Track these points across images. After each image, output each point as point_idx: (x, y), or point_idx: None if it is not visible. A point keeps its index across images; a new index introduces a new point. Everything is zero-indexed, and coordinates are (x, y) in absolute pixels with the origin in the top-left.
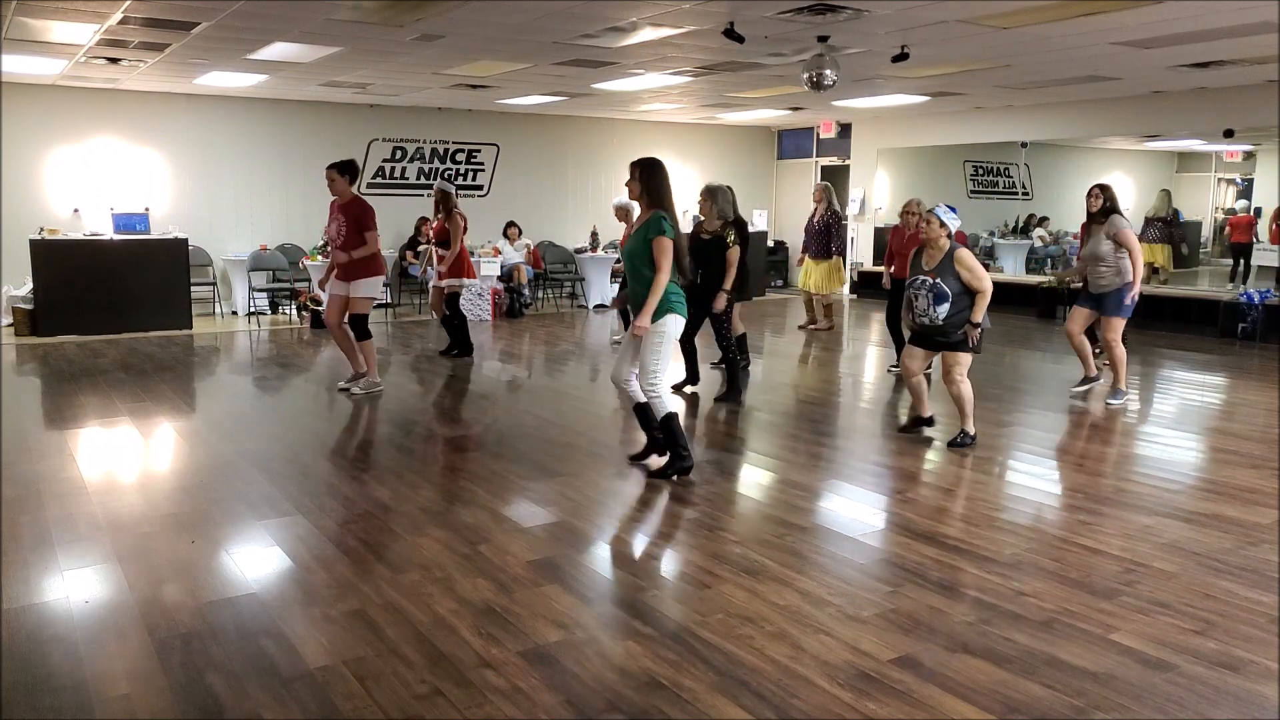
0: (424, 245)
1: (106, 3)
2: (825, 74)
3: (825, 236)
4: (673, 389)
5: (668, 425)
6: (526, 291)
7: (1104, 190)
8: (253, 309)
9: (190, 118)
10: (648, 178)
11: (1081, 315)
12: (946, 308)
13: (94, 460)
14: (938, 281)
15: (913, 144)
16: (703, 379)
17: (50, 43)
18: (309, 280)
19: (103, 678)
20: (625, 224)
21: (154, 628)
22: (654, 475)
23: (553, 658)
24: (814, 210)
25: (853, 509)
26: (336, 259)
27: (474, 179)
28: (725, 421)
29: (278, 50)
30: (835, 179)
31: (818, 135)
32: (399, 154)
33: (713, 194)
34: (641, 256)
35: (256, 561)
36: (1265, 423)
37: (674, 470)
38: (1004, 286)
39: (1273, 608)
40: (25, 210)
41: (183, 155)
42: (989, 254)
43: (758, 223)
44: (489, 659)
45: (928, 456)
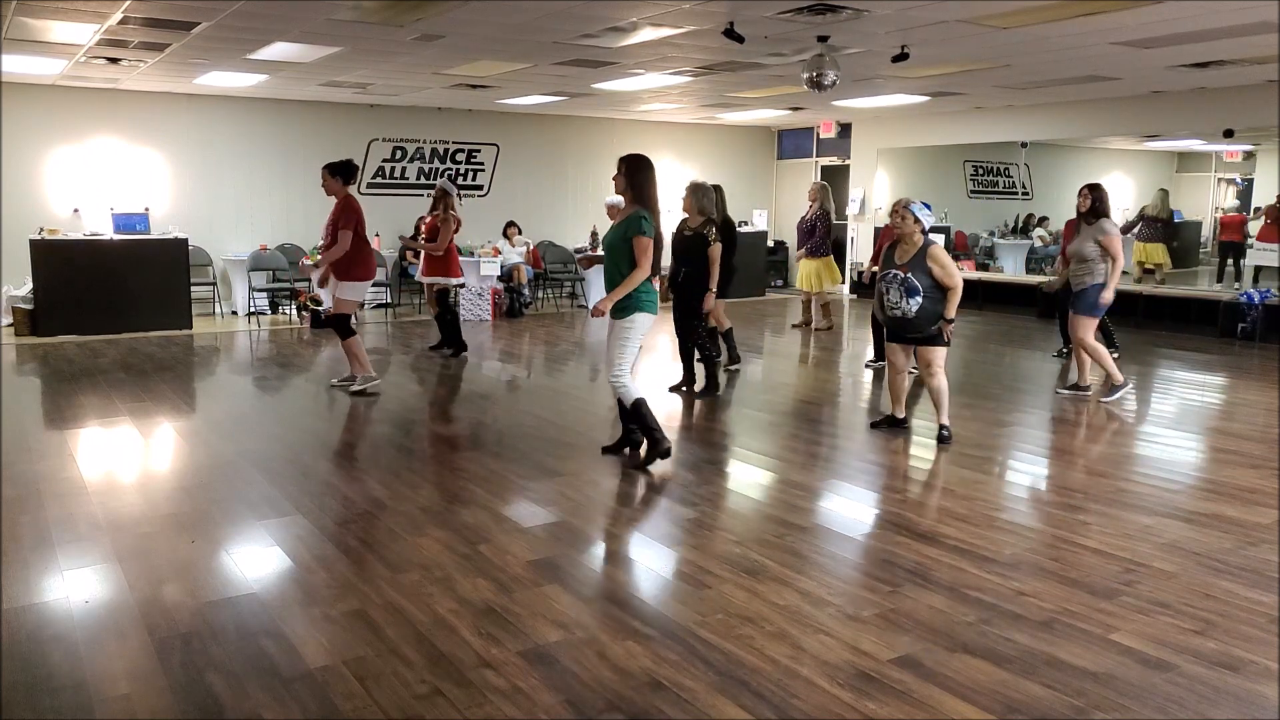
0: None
1: (106, 3)
2: (825, 74)
3: (810, 235)
4: (670, 389)
5: (638, 411)
6: (526, 291)
7: (1094, 190)
8: (253, 309)
9: (190, 118)
10: (633, 174)
11: (1073, 319)
12: (918, 301)
13: (94, 460)
14: (909, 276)
15: (913, 144)
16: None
17: (50, 43)
18: (309, 280)
19: (103, 678)
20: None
21: (154, 628)
22: (634, 466)
23: (553, 658)
24: (808, 208)
25: (852, 509)
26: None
27: (474, 179)
28: (724, 421)
29: (278, 50)
30: (835, 179)
31: (818, 135)
32: (399, 154)
33: (695, 191)
34: (620, 252)
35: (256, 561)
36: (1265, 423)
37: (655, 455)
38: (1004, 286)
39: (1273, 608)
40: (25, 210)
41: (183, 155)
42: (989, 254)
43: (758, 223)
44: (489, 659)
45: (927, 457)
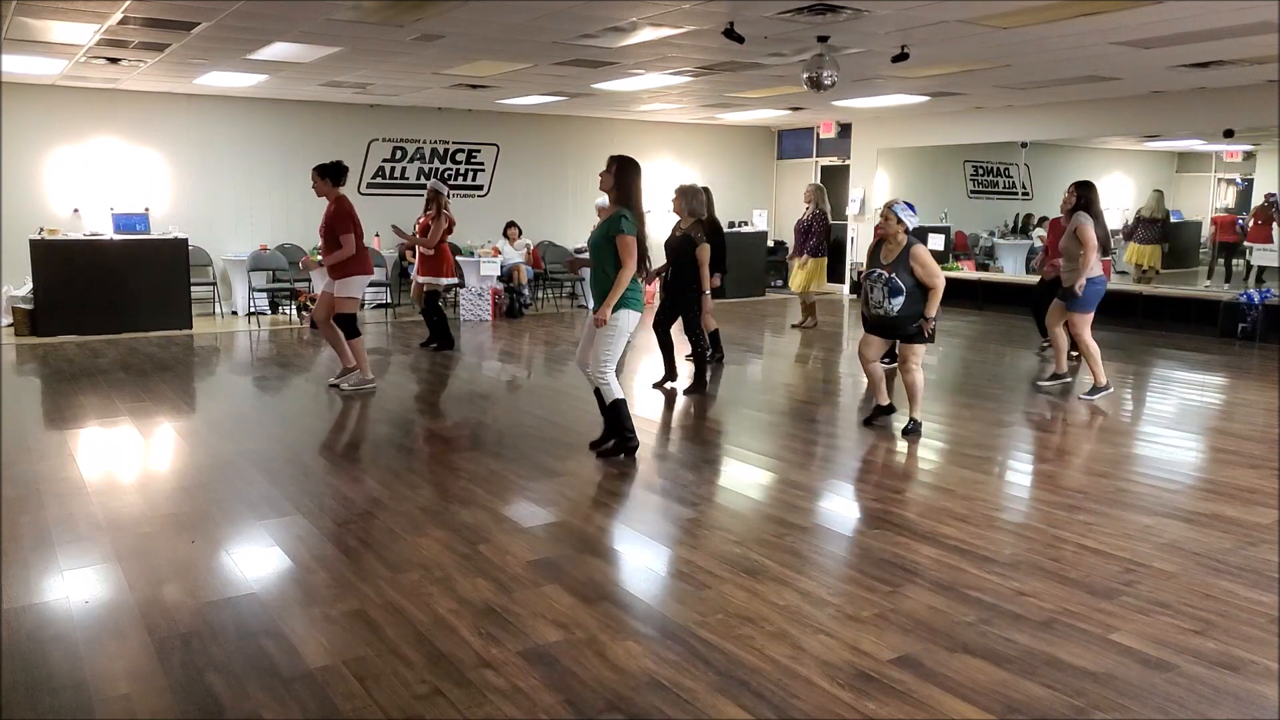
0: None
1: (106, 3)
2: (825, 74)
3: (806, 236)
4: (653, 386)
5: (615, 409)
6: (526, 291)
7: (1079, 188)
8: (253, 309)
9: (190, 118)
10: (623, 174)
11: (1059, 309)
12: (901, 300)
13: (94, 460)
14: (893, 276)
15: (913, 144)
16: (682, 375)
17: (50, 43)
18: (309, 280)
19: (103, 678)
20: None
21: (154, 628)
22: (601, 455)
23: (553, 658)
24: (805, 210)
25: (852, 509)
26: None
27: (474, 179)
28: (724, 421)
29: (278, 50)
30: (835, 179)
31: (818, 135)
32: (399, 154)
33: (684, 194)
34: (605, 250)
35: (256, 561)
36: (1265, 423)
37: (622, 450)
38: (1004, 286)
39: (1273, 608)
40: (25, 210)
41: (183, 155)
42: (989, 254)
43: (758, 223)
44: (489, 659)
45: (927, 457)
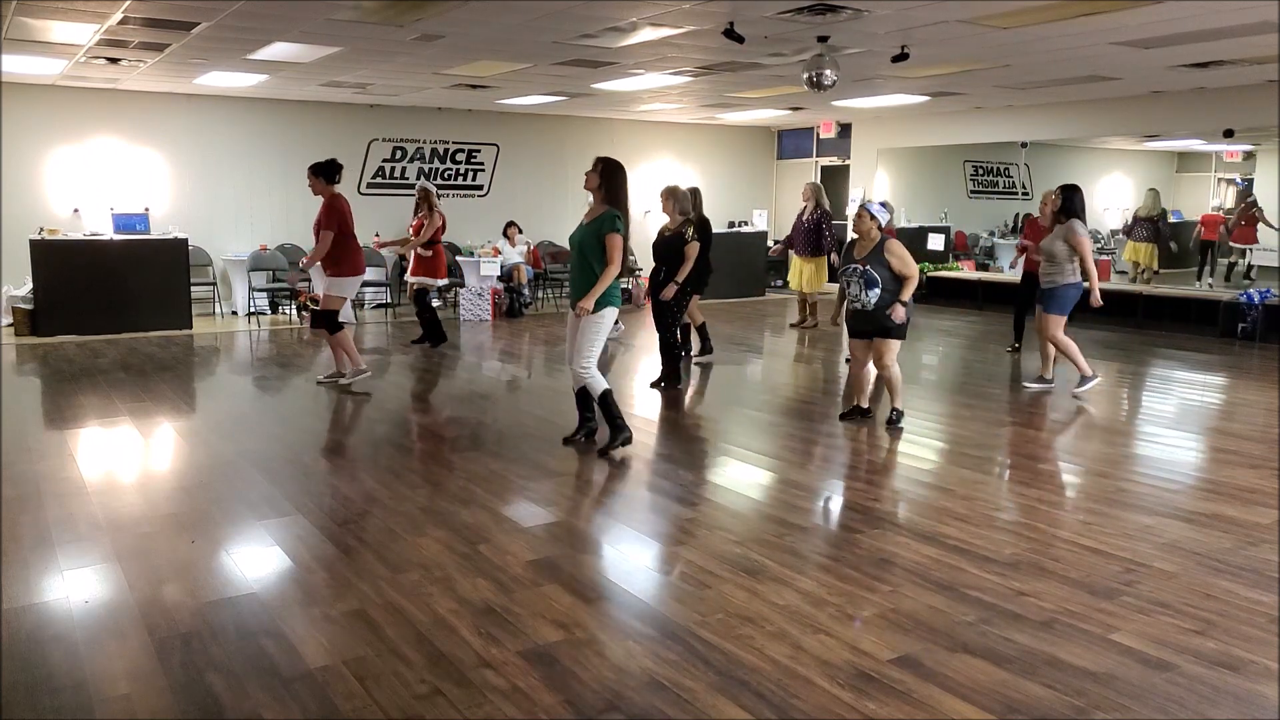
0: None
1: (106, 3)
2: (825, 74)
3: (817, 235)
4: (650, 385)
5: (605, 401)
6: (526, 291)
7: (1063, 192)
8: (253, 309)
9: (190, 118)
10: (610, 175)
11: (1041, 316)
12: (877, 293)
13: (94, 460)
14: (868, 269)
15: (913, 144)
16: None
17: (50, 43)
18: (308, 280)
19: (103, 678)
20: None
21: (154, 628)
22: (599, 453)
23: (553, 658)
24: (803, 209)
25: (852, 508)
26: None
27: (474, 179)
28: (723, 421)
29: (278, 50)
30: (835, 179)
31: (818, 135)
32: (399, 154)
33: (673, 194)
34: (592, 248)
35: (256, 561)
36: (1265, 423)
37: (617, 443)
38: (1004, 286)
39: (1273, 608)
40: (25, 210)
41: (183, 155)
42: (989, 254)
43: (758, 223)
44: (489, 659)
45: (927, 457)
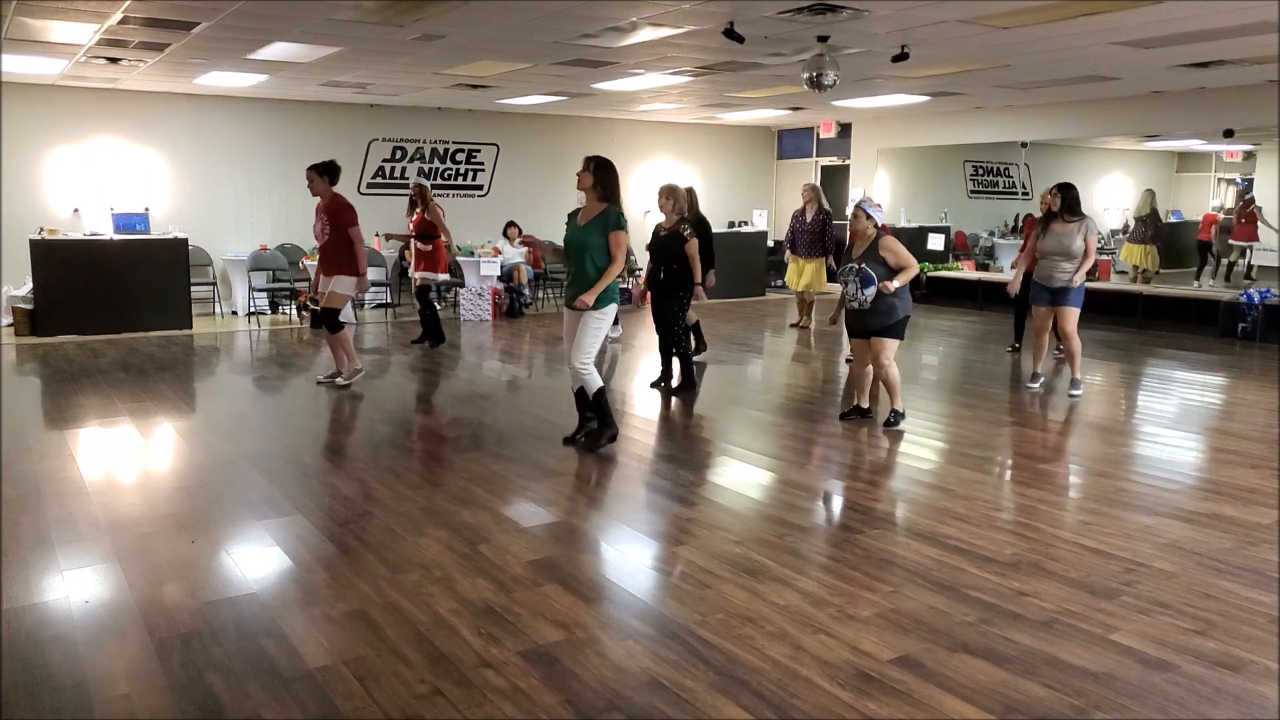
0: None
1: (106, 3)
2: (825, 74)
3: (821, 235)
4: (650, 385)
5: (599, 399)
6: (526, 291)
7: (1061, 191)
8: (252, 309)
9: (190, 118)
10: (604, 174)
11: (1048, 314)
12: (873, 290)
13: (94, 460)
14: (863, 266)
15: (913, 144)
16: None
17: (50, 43)
18: (308, 280)
19: (103, 678)
20: None
21: (154, 628)
22: (588, 449)
23: (553, 658)
24: (802, 209)
25: (852, 509)
26: (320, 255)
27: (474, 179)
28: (723, 421)
29: (278, 50)
30: (835, 179)
31: (818, 135)
32: (399, 154)
33: (672, 192)
34: (596, 247)
35: (256, 561)
36: (1265, 423)
37: (605, 439)
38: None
39: (1273, 608)
40: (25, 210)
41: (183, 155)
42: (989, 254)
43: (758, 222)
44: (489, 659)
45: (927, 457)
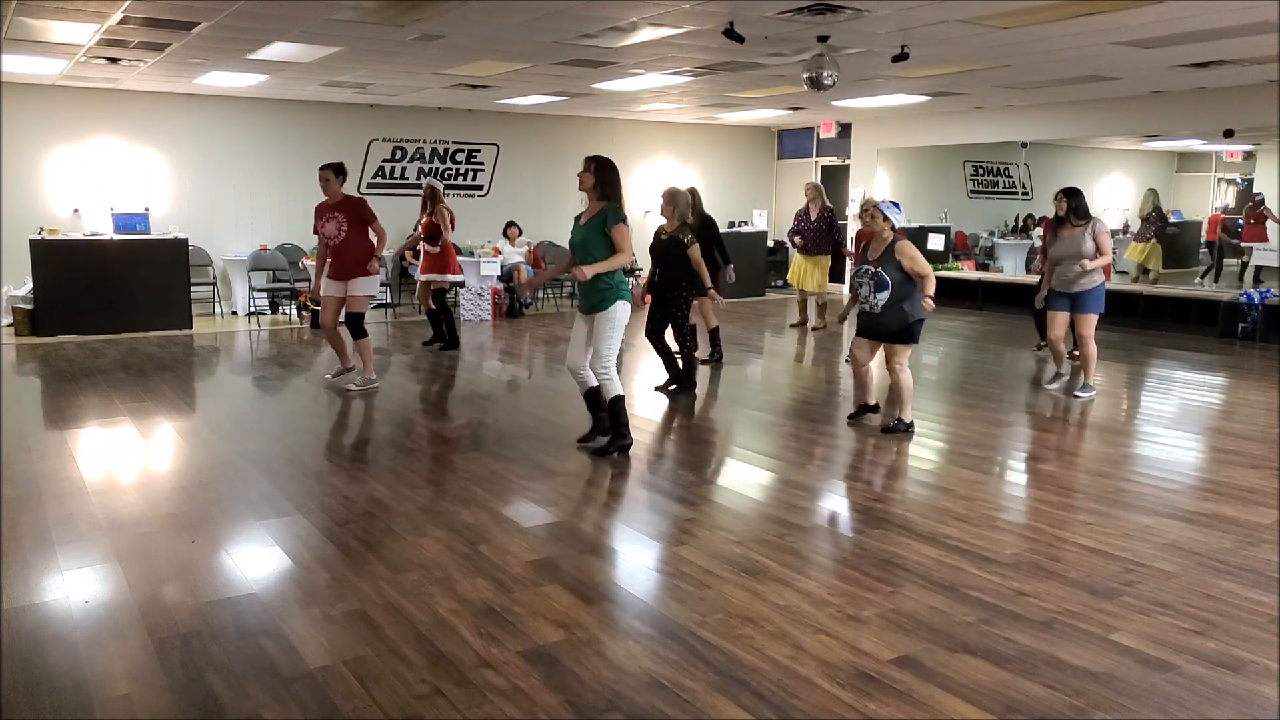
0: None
1: (106, 3)
2: (825, 74)
3: (828, 231)
4: (655, 389)
5: (615, 406)
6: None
7: (1067, 196)
8: (253, 309)
9: (190, 118)
10: (605, 173)
11: (1065, 319)
12: (886, 295)
13: (94, 460)
14: (879, 270)
15: (913, 144)
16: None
17: (50, 43)
18: (309, 280)
19: (103, 678)
20: None
21: (154, 628)
22: (596, 453)
23: (553, 658)
24: (806, 207)
25: (852, 509)
26: (333, 257)
27: (474, 179)
28: (723, 421)
29: (278, 50)
30: (835, 179)
31: (818, 135)
32: (399, 154)
33: (674, 198)
34: (598, 244)
35: (256, 561)
36: (1265, 423)
37: (614, 448)
38: (1004, 286)
39: (1273, 608)
40: (25, 210)
41: (183, 155)
42: (989, 254)
43: (758, 222)
44: (489, 659)
45: (927, 457)
